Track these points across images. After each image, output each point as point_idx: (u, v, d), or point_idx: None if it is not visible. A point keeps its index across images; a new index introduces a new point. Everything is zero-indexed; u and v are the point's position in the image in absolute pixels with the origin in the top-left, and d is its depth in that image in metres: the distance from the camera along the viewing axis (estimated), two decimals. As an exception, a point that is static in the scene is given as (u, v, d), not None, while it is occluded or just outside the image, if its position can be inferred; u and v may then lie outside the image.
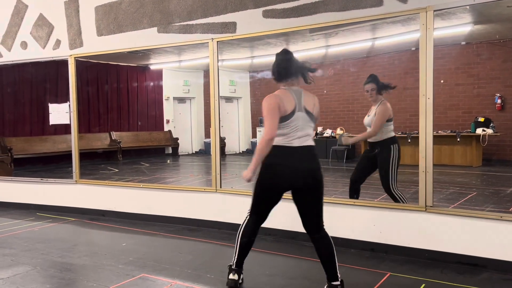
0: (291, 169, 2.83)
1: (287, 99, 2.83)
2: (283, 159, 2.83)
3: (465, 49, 9.85)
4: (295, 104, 2.83)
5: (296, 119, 2.82)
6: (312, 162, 2.89)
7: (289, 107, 2.81)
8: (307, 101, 2.89)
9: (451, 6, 3.60)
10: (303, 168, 2.84)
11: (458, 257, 3.56)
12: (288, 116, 2.80)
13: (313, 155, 2.91)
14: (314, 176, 2.87)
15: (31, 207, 6.09)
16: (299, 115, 2.83)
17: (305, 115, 2.85)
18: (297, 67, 2.94)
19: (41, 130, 10.71)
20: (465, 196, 5.86)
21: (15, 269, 3.61)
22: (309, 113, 2.87)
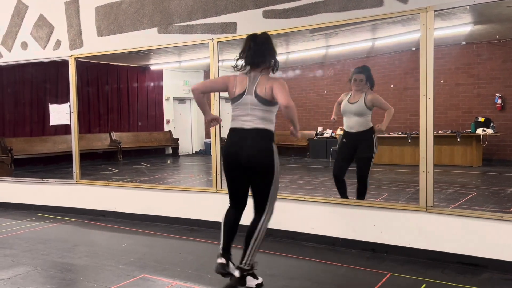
0: (233, 149, 3.01)
1: (240, 83, 3.04)
2: (229, 139, 3.06)
3: (465, 49, 9.85)
4: (245, 89, 3.01)
5: (242, 102, 3.00)
6: (252, 144, 2.96)
7: (238, 90, 3.03)
8: (260, 85, 2.99)
9: (451, 7, 3.61)
10: (241, 149, 2.97)
11: (459, 257, 3.55)
12: (236, 99, 3.03)
13: (254, 138, 2.98)
14: (252, 158, 2.95)
15: (32, 208, 6.09)
16: (247, 98, 2.99)
17: (253, 98, 2.98)
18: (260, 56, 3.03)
19: (42, 130, 10.71)
20: (465, 196, 5.86)
21: (15, 270, 3.61)
22: (258, 96, 2.97)
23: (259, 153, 2.96)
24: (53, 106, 6.27)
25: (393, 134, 10.00)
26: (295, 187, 7.02)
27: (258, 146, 2.97)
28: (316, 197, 4.60)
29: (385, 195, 6.03)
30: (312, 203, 4.30)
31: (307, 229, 4.28)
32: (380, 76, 10.97)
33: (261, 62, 3.03)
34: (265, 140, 2.99)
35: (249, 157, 2.95)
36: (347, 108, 4.42)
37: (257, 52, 3.02)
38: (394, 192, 6.26)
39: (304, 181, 7.93)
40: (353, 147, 4.40)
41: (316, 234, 4.23)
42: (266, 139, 3.00)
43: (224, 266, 3.11)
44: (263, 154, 2.97)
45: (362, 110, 4.34)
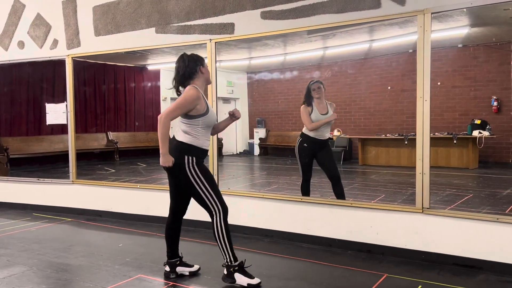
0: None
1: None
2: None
3: (462, 52, 9.89)
4: None
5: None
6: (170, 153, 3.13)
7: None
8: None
9: (448, 9, 3.62)
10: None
11: (455, 259, 3.57)
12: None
13: (172, 147, 3.15)
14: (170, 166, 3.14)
15: (28, 207, 6.07)
16: None
17: None
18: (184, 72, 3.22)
19: (38, 130, 10.67)
20: (461, 198, 5.88)
21: (11, 270, 3.59)
22: None
23: (174, 164, 3.11)
24: (50, 105, 6.25)
25: (390, 135, 10.03)
26: (291, 188, 7.02)
27: (174, 157, 3.11)
28: (313, 198, 4.61)
29: (381, 196, 6.04)
30: (309, 204, 4.31)
31: (304, 230, 4.29)
32: (377, 78, 11.01)
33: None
34: (178, 152, 3.12)
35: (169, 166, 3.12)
36: (320, 119, 4.67)
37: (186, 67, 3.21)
38: (391, 194, 6.28)
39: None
40: (313, 151, 4.69)
41: (312, 235, 4.24)
42: (179, 152, 3.12)
43: (168, 274, 3.37)
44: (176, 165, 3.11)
45: (332, 121, 4.74)
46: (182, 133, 3.14)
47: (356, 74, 11.22)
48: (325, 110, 4.69)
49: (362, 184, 7.16)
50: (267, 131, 13.28)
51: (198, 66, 3.18)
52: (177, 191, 3.34)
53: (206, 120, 3.15)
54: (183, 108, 3.04)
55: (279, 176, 8.88)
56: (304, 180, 4.76)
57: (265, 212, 4.55)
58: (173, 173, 3.19)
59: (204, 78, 3.23)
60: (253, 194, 4.98)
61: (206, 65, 3.27)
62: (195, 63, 3.18)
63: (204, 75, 3.23)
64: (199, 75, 3.19)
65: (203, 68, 3.22)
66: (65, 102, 5.87)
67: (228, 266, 3.15)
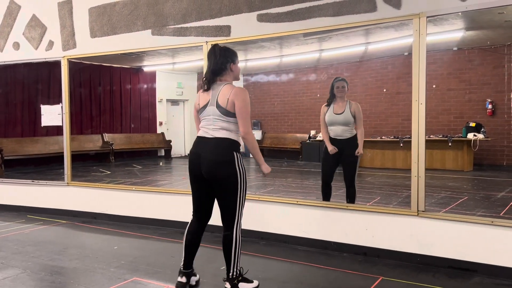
0: (194, 157, 2.99)
1: (203, 96, 3.05)
2: (193, 147, 3.05)
3: (457, 55, 9.95)
4: (209, 100, 3.00)
5: (206, 112, 3.01)
6: (209, 153, 2.92)
7: (202, 102, 3.03)
8: (222, 96, 2.95)
9: (443, 13, 3.64)
10: (201, 157, 2.94)
11: (450, 262, 3.58)
12: (201, 110, 3.04)
13: (214, 147, 2.93)
14: (210, 168, 2.91)
15: (22, 209, 6.03)
16: (210, 109, 2.99)
17: (215, 108, 2.96)
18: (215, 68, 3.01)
19: (33, 131, 10.63)
20: (456, 200, 5.90)
21: (5, 272, 3.57)
22: (219, 107, 2.94)
23: (219, 164, 2.90)
24: (45, 107, 6.22)
25: (385, 138, 10.06)
26: (287, 190, 7.03)
27: (219, 156, 2.91)
28: (309, 200, 4.61)
29: (377, 198, 6.06)
30: (305, 207, 4.31)
31: (300, 233, 4.29)
32: (373, 80, 11.05)
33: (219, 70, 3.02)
34: (226, 149, 2.93)
35: (210, 168, 2.91)
36: (334, 119, 4.54)
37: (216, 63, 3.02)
38: (386, 196, 6.29)
39: (297, 184, 7.94)
40: (338, 152, 4.52)
41: (308, 238, 4.24)
42: (227, 148, 2.93)
43: (183, 285, 3.09)
44: (224, 165, 2.90)
45: (349, 119, 4.50)
46: (224, 131, 2.93)
47: (352, 77, 11.26)
48: (341, 110, 4.50)
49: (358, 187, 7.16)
50: (263, 133, 13.29)
51: (229, 63, 3.02)
52: (210, 196, 3.05)
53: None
54: (250, 113, 2.95)
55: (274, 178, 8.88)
56: (323, 182, 4.62)
57: (261, 214, 4.55)
58: (221, 173, 2.89)
59: (233, 75, 3.08)
60: (249, 196, 4.97)
61: (238, 62, 3.11)
62: (225, 59, 3.00)
63: (234, 73, 3.08)
64: (229, 72, 3.03)
65: (234, 66, 3.05)
66: (61, 104, 5.84)
67: (233, 279, 2.99)
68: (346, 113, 4.49)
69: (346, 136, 4.52)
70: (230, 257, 2.98)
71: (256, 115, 13.64)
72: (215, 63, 2.98)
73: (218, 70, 2.99)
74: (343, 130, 4.51)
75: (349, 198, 4.50)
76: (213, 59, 2.99)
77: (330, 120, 4.56)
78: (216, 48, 3.02)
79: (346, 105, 4.51)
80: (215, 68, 2.98)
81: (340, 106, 4.54)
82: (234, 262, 2.98)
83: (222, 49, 3.03)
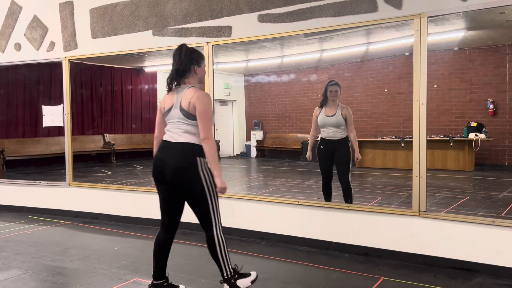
0: (158, 163, 2.91)
1: (168, 99, 2.96)
2: (158, 151, 2.97)
3: (458, 55, 9.94)
4: (174, 103, 2.91)
5: (170, 115, 2.91)
6: (172, 159, 2.83)
7: (167, 105, 2.94)
8: (185, 99, 2.85)
9: (445, 13, 3.64)
10: (165, 163, 2.85)
11: (451, 262, 3.58)
12: (166, 113, 2.95)
13: (176, 152, 2.84)
14: (174, 174, 2.82)
15: (24, 210, 6.04)
16: (174, 112, 2.89)
17: (178, 111, 2.87)
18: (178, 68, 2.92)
19: (34, 131, 10.64)
20: (458, 200, 5.90)
21: (6, 273, 3.57)
22: (182, 110, 2.84)
23: (182, 170, 2.81)
24: (47, 107, 6.23)
25: (387, 138, 10.05)
26: (288, 190, 7.03)
27: (181, 163, 2.82)
28: (310, 200, 4.61)
29: (378, 199, 6.06)
30: (306, 207, 4.31)
31: (301, 233, 4.29)
32: (374, 80, 11.05)
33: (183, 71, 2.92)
34: (188, 155, 2.83)
35: (173, 174, 2.82)
36: (326, 121, 4.71)
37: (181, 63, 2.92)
38: (387, 196, 6.29)
39: (298, 185, 7.94)
40: (331, 152, 4.68)
41: (309, 238, 4.24)
42: (189, 154, 2.83)
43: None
44: (187, 171, 2.81)
45: (340, 121, 4.66)
46: (187, 134, 2.83)
47: (353, 77, 11.25)
48: (332, 112, 4.67)
49: (359, 187, 7.16)
50: (264, 133, 13.29)
51: (193, 65, 2.90)
52: (177, 202, 2.99)
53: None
54: (212, 117, 2.84)
55: (276, 178, 8.88)
56: (323, 181, 4.75)
57: (262, 215, 4.55)
58: (183, 181, 2.82)
59: (197, 78, 2.96)
60: (250, 197, 4.98)
61: (204, 65, 2.99)
62: (190, 60, 2.90)
63: (198, 76, 2.96)
64: (193, 74, 2.92)
65: (198, 69, 2.94)
66: (62, 104, 5.85)
67: (229, 278, 2.92)
68: (337, 116, 4.65)
69: (338, 137, 4.67)
70: (218, 258, 2.91)
71: (257, 115, 13.64)
72: (179, 63, 2.90)
73: (181, 71, 2.90)
74: (335, 131, 4.67)
75: (347, 198, 4.59)
76: (178, 58, 2.91)
77: (322, 122, 4.71)
78: (183, 48, 2.93)
79: (338, 108, 4.70)
80: (178, 68, 2.90)
81: (332, 109, 4.71)
82: (224, 262, 2.91)
83: (189, 50, 2.93)
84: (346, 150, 4.65)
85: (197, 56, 2.96)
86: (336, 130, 4.66)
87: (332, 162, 4.71)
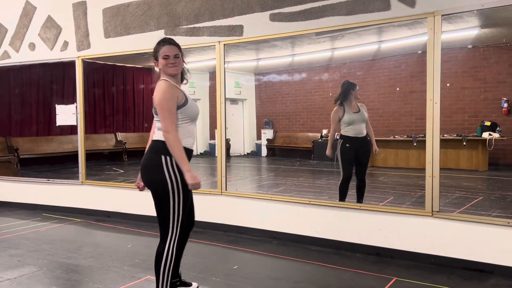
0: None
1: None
2: None
3: (471, 53, 9.81)
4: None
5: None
6: (143, 158, 2.73)
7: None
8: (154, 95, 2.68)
9: (459, 11, 3.59)
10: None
11: (465, 263, 3.54)
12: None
13: (147, 150, 2.75)
14: (141, 173, 2.73)
15: (38, 208, 6.12)
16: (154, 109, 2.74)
17: (153, 109, 2.70)
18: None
19: (47, 130, 10.77)
20: (471, 200, 5.83)
21: (21, 270, 3.63)
22: (153, 107, 2.68)
23: (147, 169, 2.67)
24: (60, 106, 6.30)
25: (399, 137, 9.98)
26: (299, 189, 7.02)
27: (146, 161, 2.69)
28: (321, 200, 4.60)
29: (390, 198, 6.02)
30: (317, 206, 4.30)
31: (312, 233, 4.28)
32: (385, 79, 10.96)
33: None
34: (154, 153, 2.66)
35: (141, 173, 2.73)
36: (354, 118, 4.78)
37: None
38: (399, 196, 6.24)
39: (309, 184, 7.92)
40: (355, 150, 4.76)
41: (321, 238, 4.23)
42: (155, 152, 2.64)
43: None
44: (151, 169, 2.64)
45: (365, 117, 4.82)
46: (158, 131, 2.65)
47: (365, 75, 11.18)
48: (355, 109, 4.78)
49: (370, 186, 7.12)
50: (275, 132, 13.28)
51: (154, 62, 2.75)
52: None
53: (187, 112, 2.66)
54: (171, 107, 2.56)
55: (286, 177, 8.87)
56: (345, 179, 4.76)
57: (273, 214, 4.55)
58: (146, 180, 2.69)
59: (163, 71, 2.70)
60: (261, 196, 4.98)
61: (160, 56, 2.70)
62: (154, 53, 2.74)
63: (162, 70, 2.70)
64: (159, 70, 2.72)
65: (156, 62, 2.73)
66: (75, 103, 5.92)
67: None
68: (362, 112, 4.78)
69: (364, 134, 4.79)
70: (158, 273, 2.64)
71: (268, 114, 13.63)
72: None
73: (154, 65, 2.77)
74: (362, 127, 4.77)
75: (362, 195, 4.71)
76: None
77: (351, 119, 4.75)
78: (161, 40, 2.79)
79: (358, 106, 4.82)
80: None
81: (353, 106, 4.80)
82: (162, 279, 2.64)
83: (158, 42, 2.77)
84: (369, 147, 4.83)
85: (154, 51, 2.76)
86: (363, 126, 4.78)
87: (355, 159, 4.79)
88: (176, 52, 2.74)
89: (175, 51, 2.73)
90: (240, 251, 4.17)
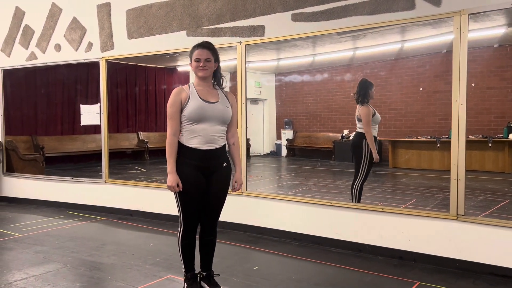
0: None
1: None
2: None
3: (498, 52, 9.55)
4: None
5: None
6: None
7: None
8: None
9: (486, 10, 3.50)
10: None
11: (491, 268, 3.45)
12: None
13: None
14: None
15: (62, 205, 6.26)
16: None
17: None
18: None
19: (72, 129, 11.01)
20: (497, 203, 5.68)
21: (46, 267, 3.71)
22: None
23: None
24: (84, 106, 6.42)
25: (422, 138, 9.80)
26: (320, 190, 6.97)
27: None
28: (342, 202, 4.55)
29: (413, 200, 5.91)
30: (338, 208, 4.26)
31: (333, 235, 4.24)
32: (409, 79, 10.78)
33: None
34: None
35: None
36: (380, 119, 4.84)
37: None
38: (422, 198, 6.13)
39: (330, 185, 7.86)
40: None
41: (342, 240, 4.19)
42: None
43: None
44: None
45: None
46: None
47: (387, 75, 11.02)
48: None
49: (392, 188, 7.02)
50: (295, 132, 13.23)
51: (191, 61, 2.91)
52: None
53: (186, 113, 2.80)
54: (170, 113, 2.82)
55: (306, 178, 8.82)
56: (364, 181, 4.73)
57: (293, 215, 4.53)
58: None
59: (194, 73, 2.91)
60: (281, 197, 4.97)
61: (195, 59, 2.85)
62: (190, 55, 2.89)
63: (194, 71, 2.91)
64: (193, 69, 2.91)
65: (191, 63, 2.90)
66: (99, 103, 6.02)
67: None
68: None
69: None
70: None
71: (288, 114, 13.59)
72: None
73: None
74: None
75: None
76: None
77: (378, 119, 4.78)
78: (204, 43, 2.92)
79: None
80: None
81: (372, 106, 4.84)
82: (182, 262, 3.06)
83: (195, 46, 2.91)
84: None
85: (190, 53, 2.91)
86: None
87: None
88: (208, 56, 2.86)
89: (207, 55, 2.84)
90: (260, 251, 4.17)
